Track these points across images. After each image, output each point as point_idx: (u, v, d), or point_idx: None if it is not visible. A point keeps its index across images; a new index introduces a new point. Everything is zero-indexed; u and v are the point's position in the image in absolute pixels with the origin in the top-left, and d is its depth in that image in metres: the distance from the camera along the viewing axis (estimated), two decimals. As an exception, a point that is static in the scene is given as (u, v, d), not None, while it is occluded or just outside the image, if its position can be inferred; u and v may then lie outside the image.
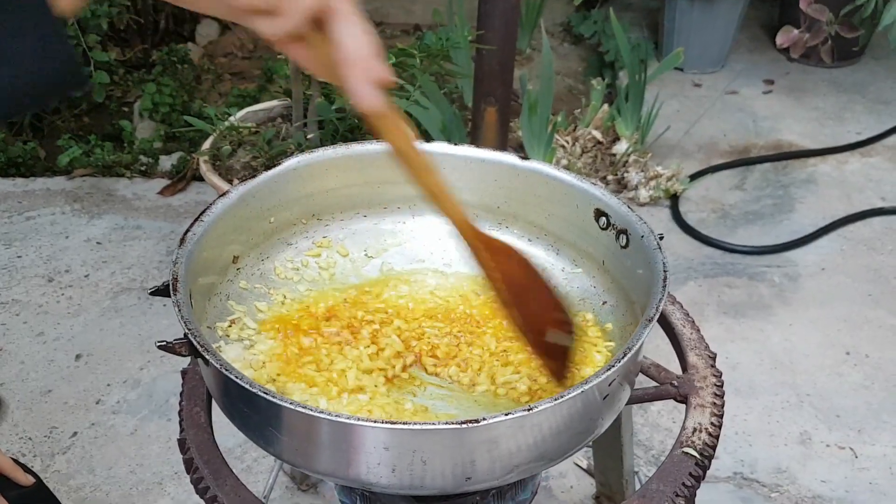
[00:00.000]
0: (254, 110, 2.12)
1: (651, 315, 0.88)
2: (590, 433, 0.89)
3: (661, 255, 0.98)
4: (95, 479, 1.73)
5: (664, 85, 3.01)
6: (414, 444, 0.80)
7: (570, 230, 1.16)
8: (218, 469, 0.95)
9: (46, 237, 2.38)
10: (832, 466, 1.78)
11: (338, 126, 1.94)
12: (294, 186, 1.14)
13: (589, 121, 2.71)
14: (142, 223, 2.45)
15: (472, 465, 0.82)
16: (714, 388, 1.01)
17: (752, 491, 1.73)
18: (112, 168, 2.64)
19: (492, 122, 2.43)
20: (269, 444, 0.87)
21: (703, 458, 0.92)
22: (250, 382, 0.80)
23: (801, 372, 2.00)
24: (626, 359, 0.83)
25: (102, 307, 2.15)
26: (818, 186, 2.69)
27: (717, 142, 2.89)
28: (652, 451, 1.80)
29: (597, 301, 1.12)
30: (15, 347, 2.02)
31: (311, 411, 0.78)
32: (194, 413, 1.02)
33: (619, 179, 2.63)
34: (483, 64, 2.33)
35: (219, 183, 1.88)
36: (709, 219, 2.52)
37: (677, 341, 1.09)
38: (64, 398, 1.90)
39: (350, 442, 0.80)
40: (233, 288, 1.09)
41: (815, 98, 3.18)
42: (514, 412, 0.78)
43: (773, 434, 1.85)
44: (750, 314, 2.16)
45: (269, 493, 1.59)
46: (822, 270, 2.33)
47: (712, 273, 2.31)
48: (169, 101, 2.76)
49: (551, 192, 1.15)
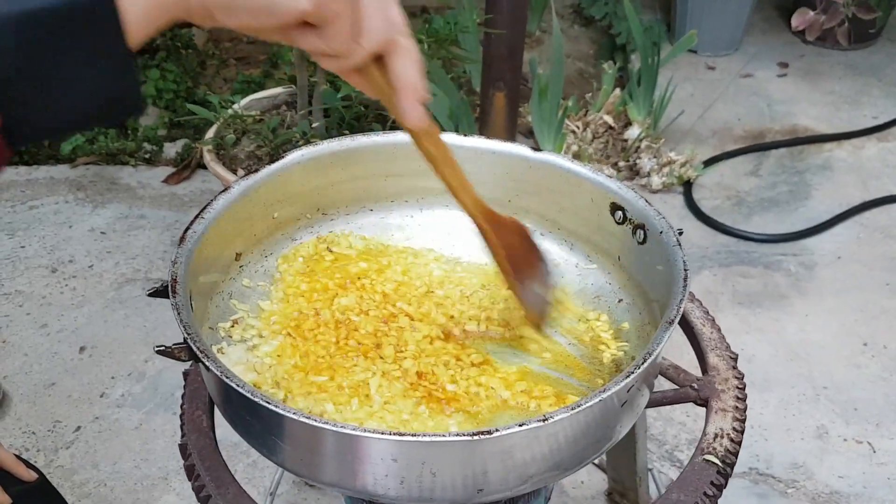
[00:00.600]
0: (258, 98, 2.07)
1: (672, 317, 0.84)
2: (607, 441, 0.85)
3: (681, 252, 0.94)
4: (100, 474, 1.70)
5: (677, 68, 2.95)
6: (423, 455, 0.76)
7: (585, 225, 1.12)
8: (220, 476, 0.92)
9: (50, 227, 2.35)
10: (849, 461, 1.74)
11: (343, 114, 1.90)
12: (298, 180, 1.10)
13: (600, 105, 2.66)
14: (146, 212, 2.42)
15: (485, 476, 0.78)
16: (736, 392, 0.97)
17: (768, 486, 1.70)
18: (116, 156, 2.61)
19: (501, 108, 2.38)
20: (272, 453, 0.84)
21: (726, 466, 0.89)
22: (251, 391, 0.77)
23: (817, 364, 1.96)
24: (646, 364, 0.79)
25: (107, 298, 2.12)
26: (834, 172, 2.63)
27: (732, 127, 2.83)
28: (665, 445, 1.77)
29: (612, 298, 1.08)
30: (18, 339, 2.00)
31: (314, 422, 0.74)
32: (196, 417, 0.98)
33: (630, 166, 2.58)
34: (492, 48, 2.28)
35: (223, 173, 1.84)
36: (723, 206, 2.47)
37: (697, 341, 1.05)
38: (68, 391, 1.87)
39: (356, 453, 0.77)
40: (235, 286, 1.05)
41: (831, 81, 3.11)
42: (528, 422, 0.74)
43: (790, 428, 1.81)
44: (765, 304, 2.11)
45: (276, 489, 1.56)
46: (838, 259, 2.29)
47: (727, 262, 2.26)
48: (173, 88, 2.71)
49: (565, 185, 1.11)
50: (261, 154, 1.91)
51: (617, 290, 1.08)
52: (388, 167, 1.15)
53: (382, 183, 1.17)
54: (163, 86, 2.70)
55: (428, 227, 1.19)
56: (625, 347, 1.02)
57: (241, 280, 1.06)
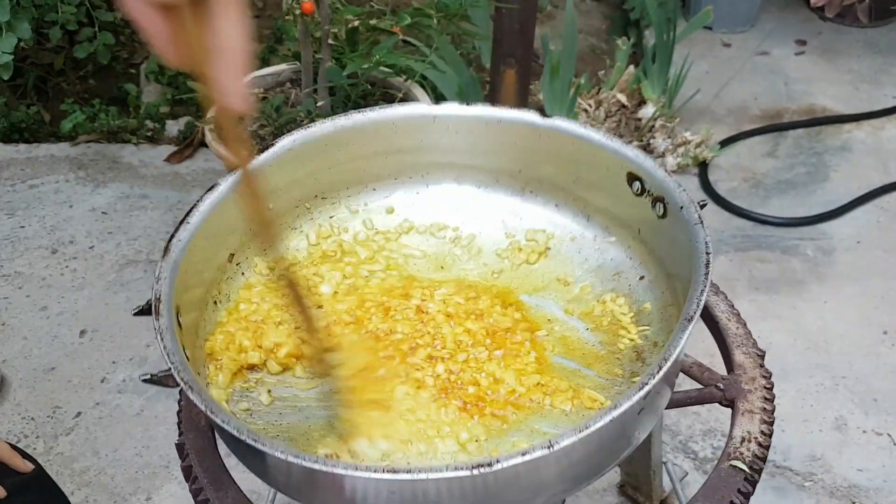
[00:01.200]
0: (261, 75, 2.01)
1: (691, 313, 0.78)
2: (625, 448, 0.80)
3: (703, 231, 0.87)
4: (100, 461, 1.66)
5: (692, 45, 2.86)
6: (421, 489, 0.70)
7: (601, 195, 1.05)
8: (218, 478, 0.87)
9: (50, 206, 2.30)
10: (869, 454, 1.69)
11: (349, 92, 1.84)
12: (292, 167, 1.04)
13: (613, 83, 2.58)
14: (148, 192, 2.36)
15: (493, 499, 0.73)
16: (764, 392, 0.91)
17: (785, 479, 1.65)
18: (118, 133, 2.55)
19: (511, 85, 2.31)
20: (267, 479, 0.79)
21: (753, 473, 0.84)
22: (238, 427, 0.71)
23: (836, 353, 1.90)
24: (662, 372, 0.73)
25: (108, 280, 2.08)
26: (853, 154, 2.56)
27: (748, 106, 2.76)
28: (679, 436, 1.72)
29: (633, 275, 1.02)
30: (17, 322, 1.96)
31: (304, 461, 0.68)
32: (194, 415, 0.93)
33: (644, 146, 2.51)
34: (503, 23, 2.21)
35: (225, 154, 1.79)
36: (740, 188, 2.41)
37: (722, 337, 0.99)
38: (68, 376, 1.83)
39: (353, 490, 0.72)
40: (232, 287, 1.00)
41: (850, 60, 3.02)
42: (532, 450, 0.68)
43: (807, 419, 1.76)
44: (783, 290, 2.06)
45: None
46: (857, 244, 2.22)
47: (743, 246, 2.20)
48: (175, 63, 2.64)
49: (577, 153, 1.03)
50: (264, 133, 1.85)
51: (637, 266, 1.02)
52: (388, 143, 1.09)
53: (384, 161, 1.10)
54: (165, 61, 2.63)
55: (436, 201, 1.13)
56: (646, 332, 0.96)
57: (237, 280, 1.01)
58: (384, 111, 1.07)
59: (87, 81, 2.86)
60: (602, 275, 1.04)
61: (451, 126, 1.07)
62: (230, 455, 1.70)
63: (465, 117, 1.06)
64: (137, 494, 1.61)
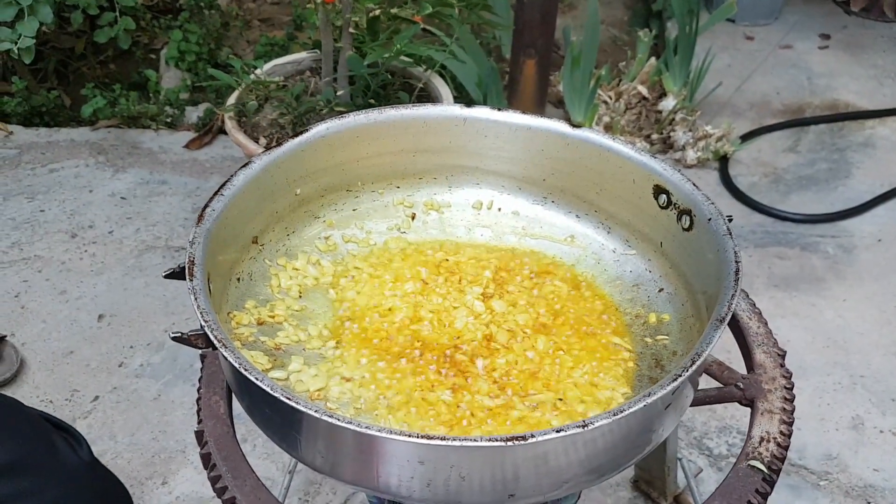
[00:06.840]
0: (281, 63, 2.01)
1: (723, 314, 0.78)
2: (647, 444, 0.80)
3: (732, 242, 0.87)
4: (117, 445, 1.68)
5: (714, 37, 2.84)
6: (452, 459, 0.71)
7: (625, 207, 1.06)
8: (237, 466, 0.88)
9: (70, 191, 2.32)
10: (886, 454, 1.68)
11: (369, 82, 1.83)
12: (322, 155, 1.05)
13: (634, 75, 2.56)
14: (167, 178, 2.37)
15: (517, 481, 0.74)
16: (784, 392, 0.91)
17: (800, 478, 1.64)
18: (137, 119, 2.56)
19: (530, 76, 2.30)
20: (291, 448, 0.80)
21: (772, 473, 0.83)
22: (271, 385, 0.72)
23: (854, 351, 1.89)
24: (695, 366, 0.74)
25: (127, 265, 2.09)
26: (876, 150, 2.53)
27: (770, 100, 2.73)
28: (694, 432, 1.72)
29: (652, 288, 1.02)
30: (37, 306, 1.97)
31: (338, 421, 0.69)
32: (213, 402, 0.94)
33: (664, 139, 2.50)
34: (524, 13, 2.20)
35: (244, 141, 1.79)
36: (760, 183, 2.39)
37: (743, 336, 0.99)
38: (86, 360, 1.85)
39: (381, 455, 0.72)
40: (256, 266, 1.00)
41: (875, 55, 2.98)
42: (566, 428, 0.69)
43: (824, 418, 1.75)
44: (802, 288, 2.04)
45: (296, 467, 1.53)
46: (878, 242, 2.20)
47: (763, 242, 2.18)
48: (196, 50, 2.65)
49: (604, 165, 1.05)
50: (283, 122, 1.85)
51: (657, 279, 1.03)
52: (417, 142, 1.09)
53: (411, 159, 1.11)
54: (185, 47, 2.64)
55: (457, 205, 1.14)
56: (665, 341, 0.96)
57: (261, 260, 1.01)
58: (417, 109, 1.07)
59: (108, 66, 2.87)
60: (621, 286, 1.04)
61: (480, 129, 1.08)
62: (246, 440, 1.70)
63: (495, 122, 1.07)
64: (153, 479, 1.63)
